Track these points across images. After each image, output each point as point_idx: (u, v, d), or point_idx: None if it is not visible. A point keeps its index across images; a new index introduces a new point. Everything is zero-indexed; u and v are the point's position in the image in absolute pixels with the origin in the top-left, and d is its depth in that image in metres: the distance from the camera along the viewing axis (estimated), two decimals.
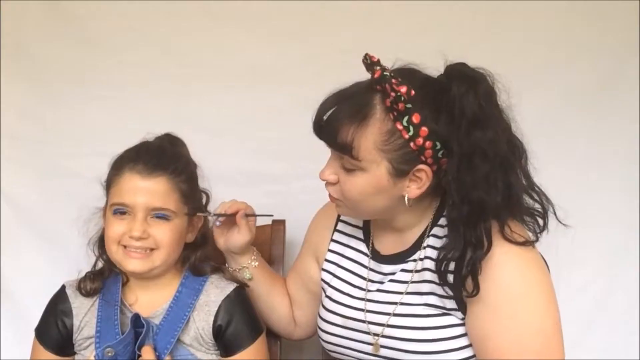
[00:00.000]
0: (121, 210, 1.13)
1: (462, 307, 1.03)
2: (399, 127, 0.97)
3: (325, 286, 1.23)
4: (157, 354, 1.12)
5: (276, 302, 1.33)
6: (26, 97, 1.59)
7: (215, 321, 1.17)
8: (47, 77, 1.58)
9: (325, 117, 1.02)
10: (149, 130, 1.25)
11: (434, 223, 1.09)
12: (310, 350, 1.58)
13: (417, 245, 1.11)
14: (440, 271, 1.03)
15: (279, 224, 1.47)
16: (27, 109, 1.59)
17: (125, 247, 1.13)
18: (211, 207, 1.27)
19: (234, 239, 1.25)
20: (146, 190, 1.12)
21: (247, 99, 1.59)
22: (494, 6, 1.56)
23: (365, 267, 1.18)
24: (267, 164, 1.60)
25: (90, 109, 1.58)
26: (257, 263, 1.30)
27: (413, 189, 1.03)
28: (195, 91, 1.59)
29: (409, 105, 0.96)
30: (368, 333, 1.12)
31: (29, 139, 1.59)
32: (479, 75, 1.00)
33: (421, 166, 1.00)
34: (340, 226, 1.25)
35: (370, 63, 1.01)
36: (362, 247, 1.21)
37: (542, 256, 1.06)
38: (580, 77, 1.56)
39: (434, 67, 1.05)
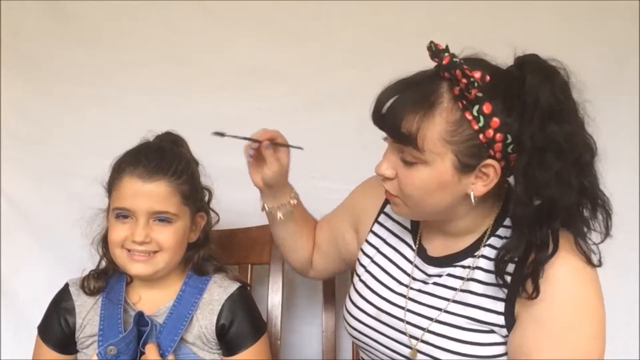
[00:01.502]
0: (123, 215, 1.13)
1: (510, 323, 0.97)
2: (469, 116, 0.90)
3: (361, 270, 1.16)
4: (160, 352, 1.12)
5: (300, 244, 1.29)
6: (26, 97, 1.59)
7: (218, 320, 1.17)
8: (47, 77, 1.58)
9: (387, 105, 0.94)
10: (150, 130, 1.25)
11: (493, 230, 1.02)
12: (310, 350, 1.58)
13: (470, 251, 1.03)
14: (498, 271, 0.96)
15: None
16: (27, 109, 1.59)
17: (128, 250, 1.13)
18: (213, 205, 1.28)
19: (264, 172, 1.16)
20: (147, 194, 1.12)
21: (247, 99, 1.59)
22: (494, 6, 1.56)
23: (410, 261, 1.11)
24: None
25: (90, 109, 1.59)
26: (295, 201, 1.23)
27: (479, 186, 0.95)
28: (195, 91, 1.59)
29: (480, 94, 0.89)
30: (404, 333, 1.06)
31: (29, 139, 1.59)
32: (554, 67, 0.94)
33: (489, 161, 0.92)
34: (388, 209, 1.15)
35: (436, 50, 0.94)
36: (409, 238, 1.13)
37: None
38: (580, 77, 1.56)
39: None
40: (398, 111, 0.93)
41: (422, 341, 1.03)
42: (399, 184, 0.98)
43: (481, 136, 0.91)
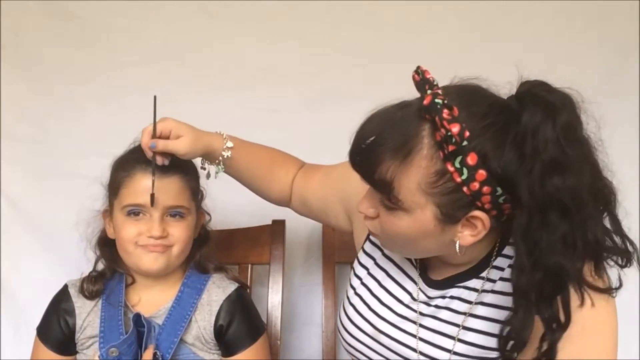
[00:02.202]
0: (135, 211, 1.14)
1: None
2: (450, 168, 0.80)
3: (357, 282, 1.07)
4: (160, 353, 1.13)
5: (266, 185, 1.21)
6: (26, 97, 1.59)
7: (216, 321, 1.17)
8: (47, 77, 1.58)
9: (363, 146, 0.84)
10: None
11: (499, 251, 0.93)
12: (310, 351, 1.58)
13: (474, 272, 0.95)
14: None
15: (279, 224, 1.47)
16: (27, 109, 1.59)
17: (141, 246, 1.14)
18: (211, 204, 1.28)
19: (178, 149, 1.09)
20: (161, 189, 1.12)
21: (247, 99, 1.59)
22: (494, 6, 1.56)
23: (412, 279, 1.02)
24: None
25: (90, 109, 1.59)
26: (231, 144, 1.14)
27: (466, 235, 0.86)
28: (195, 91, 1.59)
29: (464, 144, 0.78)
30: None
31: (29, 139, 1.59)
32: (560, 100, 0.80)
33: (476, 213, 0.83)
34: None
35: (421, 81, 0.84)
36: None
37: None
38: (580, 77, 1.56)
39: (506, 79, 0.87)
40: (373, 157, 0.83)
41: None
42: (381, 225, 0.89)
43: (465, 189, 0.81)
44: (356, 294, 1.07)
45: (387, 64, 1.55)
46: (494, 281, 0.93)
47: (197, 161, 1.21)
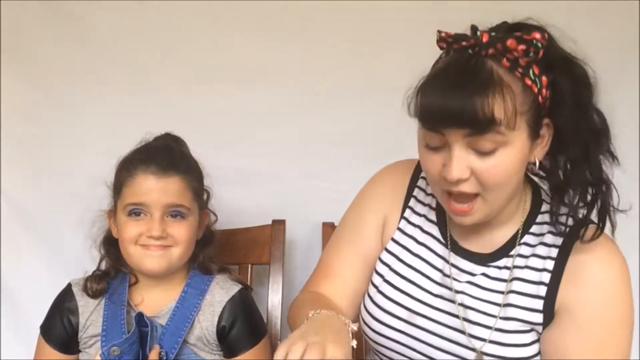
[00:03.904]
0: (136, 211, 1.14)
1: (548, 319, 0.96)
2: (528, 82, 0.89)
3: (384, 269, 1.08)
4: (163, 353, 1.13)
5: None
6: (26, 97, 1.58)
7: (219, 322, 1.18)
8: (47, 77, 1.58)
9: (454, 102, 0.87)
10: (149, 131, 1.25)
11: (525, 228, 1.01)
12: None
13: (505, 251, 1.01)
14: (556, 220, 0.96)
15: (279, 224, 1.47)
16: (27, 109, 1.59)
17: (142, 246, 1.14)
18: (213, 205, 1.28)
19: None
20: (161, 189, 1.13)
21: (247, 99, 1.59)
22: (494, 6, 1.55)
23: (440, 256, 1.05)
24: (267, 164, 1.60)
25: (90, 109, 1.58)
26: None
27: (539, 150, 0.94)
28: (195, 91, 1.59)
29: (531, 55, 0.89)
30: (452, 341, 1.00)
31: (29, 139, 1.59)
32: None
33: (546, 120, 0.93)
34: (412, 202, 1.10)
35: (458, 35, 0.93)
36: (436, 232, 1.07)
37: None
38: None
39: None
40: (473, 101, 0.86)
41: (484, 353, 0.98)
42: (480, 178, 0.90)
43: (540, 97, 0.90)
44: (385, 280, 1.07)
45: (387, 64, 1.55)
46: (526, 257, 0.98)
47: (207, 161, 1.22)
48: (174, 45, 1.58)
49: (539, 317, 0.96)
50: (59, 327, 1.21)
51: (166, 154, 1.17)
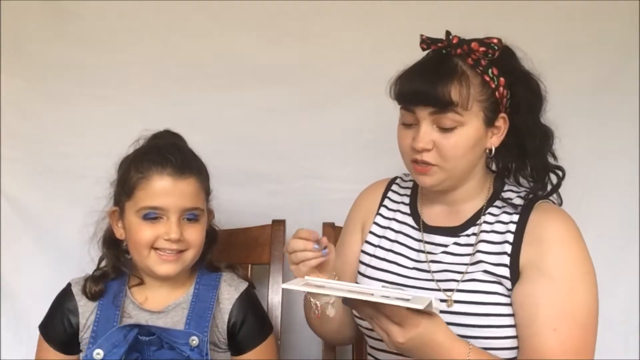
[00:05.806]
0: (152, 215, 1.12)
1: (514, 275, 1.08)
2: (487, 78, 1.09)
3: (367, 258, 1.22)
4: (199, 335, 1.12)
5: (348, 334, 1.30)
6: (26, 97, 1.58)
7: (229, 319, 1.18)
8: (47, 77, 1.58)
9: (425, 82, 1.08)
10: (145, 129, 1.25)
11: (488, 206, 1.16)
12: (310, 351, 1.58)
13: (471, 222, 1.16)
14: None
15: (279, 224, 1.47)
16: (27, 109, 1.59)
17: (156, 250, 1.13)
18: (212, 204, 1.27)
19: (329, 264, 1.09)
20: (180, 192, 1.12)
21: (247, 99, 1.59)
22: (494, 6, 1.56)
23: (416, 240, 1.20)
24: (267, 164, 1.60)
25: (90, 109, 1.58)
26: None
27: (495, 139, 1.13)
28: (195, 91, 1.59)
29: (489, 58, 1.09)
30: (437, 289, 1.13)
31: (29, 139, 1.59)
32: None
33: (502, 114, 1.12)
34: (386, 202, 1.27)
35: (433, 38, 1.12)
36: (409, 220, 1.22)
37: None
38: (580, 77, 1.56)
39: None
40: (442, 82, 1.07)
41: (457, 290, 1.11)
42: (439, 151, 1.09)
43: (497, 93, 1.10)
44: (368, 266, 1.21)
45: (387, 64, 1.54)
46: (491, 223, 1.14)
47: (207, 161, 1.21)
48: (174, 45, 1.58)
49: (505, 271, 1.09)
50: (59, 327, 1.20)
51: (179, 153, 1.15)
